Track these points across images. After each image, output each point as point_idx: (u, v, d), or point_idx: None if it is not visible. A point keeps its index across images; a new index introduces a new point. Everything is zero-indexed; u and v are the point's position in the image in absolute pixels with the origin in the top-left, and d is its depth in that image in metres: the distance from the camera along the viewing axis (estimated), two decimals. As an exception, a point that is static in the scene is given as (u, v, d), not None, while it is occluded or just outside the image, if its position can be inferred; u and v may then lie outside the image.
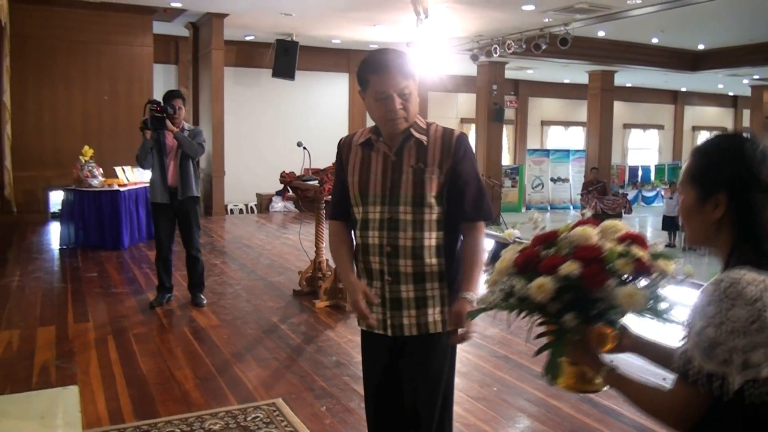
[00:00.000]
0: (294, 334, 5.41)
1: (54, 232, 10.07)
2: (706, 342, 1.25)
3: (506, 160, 19.64)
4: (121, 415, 3.83)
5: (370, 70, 2.28)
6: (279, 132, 14.78)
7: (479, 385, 4.34)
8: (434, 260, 2.34)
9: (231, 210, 14.05)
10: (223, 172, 12.68)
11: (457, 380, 4.32)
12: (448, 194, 2.33)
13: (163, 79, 13.67)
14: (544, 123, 22.04)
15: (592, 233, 1.54)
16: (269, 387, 4.31)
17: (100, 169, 9.48)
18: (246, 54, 14.83)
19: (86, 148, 9.73)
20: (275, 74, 13.66)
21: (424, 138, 2.33)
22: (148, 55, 12.10)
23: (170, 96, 5.91)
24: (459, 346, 2.50)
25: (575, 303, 1.46)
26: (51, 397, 2.79)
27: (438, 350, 2.39)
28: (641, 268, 1.47)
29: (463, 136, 2.37)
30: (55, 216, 10.90)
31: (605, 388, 1.54)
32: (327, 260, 6.58)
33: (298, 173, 6.86)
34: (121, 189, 9.12)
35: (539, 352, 1.59)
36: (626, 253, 1.48)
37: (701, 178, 1.42)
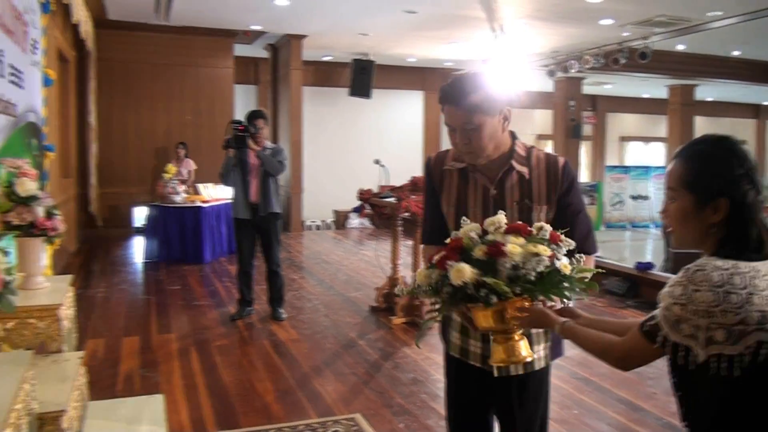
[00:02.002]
0: (371, 350, 5.40)
1: (138, 246, 10.41)
2: (672, 317, 1.42)
3: (584, 177, 19.25)
4: (204, 425, 3.91)
5: (440, 99, 2.16)
6: (355, 149, 14.91)
7: (559, 407, 4.23)
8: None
9: (308, 226, 14.21)
10: (301, 189, 12.86)
11: (537, 401, 4.26)
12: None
13: (243, 100, 14.01)
14: (623, 139, 21.53)
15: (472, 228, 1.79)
16: (348, 402, 4.31)
17: (183, 186, 9.77)
18: (323, 73, 15.06)
19: (170, 166, 10.07)
20: (352, 93, 13.81)
21: (525, 170, 2.18)
22: (229, 76, 12.44)
23: (253, 116, 6.06)
24: None
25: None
26: (137, 405, 2.84)
27: (540, 386, 2.32)
28: (493, 252, 1.66)
29: (568, 165, 2.22)
30: (139, 231, 11.27)
31: (528, 359, 1.78)
32: (403, 277, 6.56)
33: (374, 190, 6.90)
34: (204, 205, 9.36)
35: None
36: (488, 242, 1.71)
37: (698, 183, 1.47)
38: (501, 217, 1.76)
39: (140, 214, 11.20)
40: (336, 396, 4.41)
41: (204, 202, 9.53)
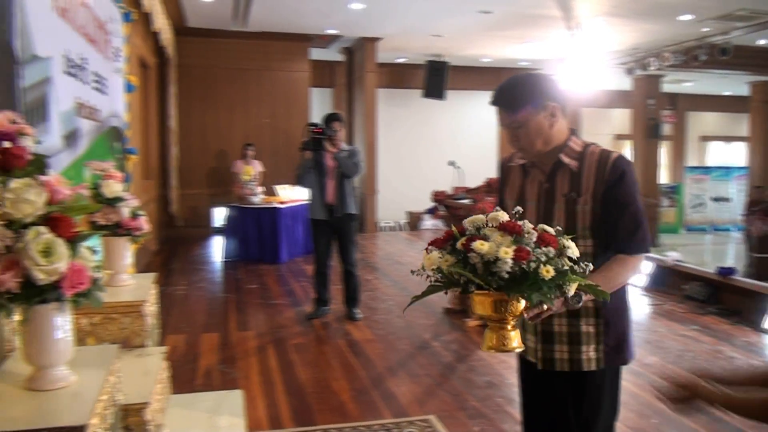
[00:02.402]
0: (446, 352, 5.39)
1: (217, 246, 10.67)
2: None
3: (664, 178, 18.69)
4: (280, 421, 3.97)
5: (490, 101, 2.29)
6: (429, 151, 14.90)
7: (637, 416, 4.12)
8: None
9: (382, 227, 14.28)
10: (375, 190, 12.93)
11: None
12: (602, 223, 2.18)
13: (319, 102, 14.19)
14: (704, 138, 20.80)
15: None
16: (422, 403, 4.31)
17: (261, 188, 9.97)
18: (397, 75, 15.10)
19: (248, 167, 10.28)
20: (426, 95, 13.80)
21: (575, 164, 2.21)
22: (305, 79, 12.62)
23: (329, 118, 6.14)
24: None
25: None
26: (216, 399, 2.91)
27: (597, 390, 2.25)
28: (465, 246, 1.71)
29: (621, 159, 2.19)
30: (218, 231, 11.56)
31: (518, 350, 1.81)
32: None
33: (448, 192, 6.88)
34: (281, 206, 9.52)
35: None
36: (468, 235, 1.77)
37: None
38: (501, 214, 1.79)
39: (219, 215, 11.50)
40: (410, 397, 4.41)
41: (281, 203, 9.69)
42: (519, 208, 1.83)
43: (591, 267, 1.81)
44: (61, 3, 4.08)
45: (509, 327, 1.83)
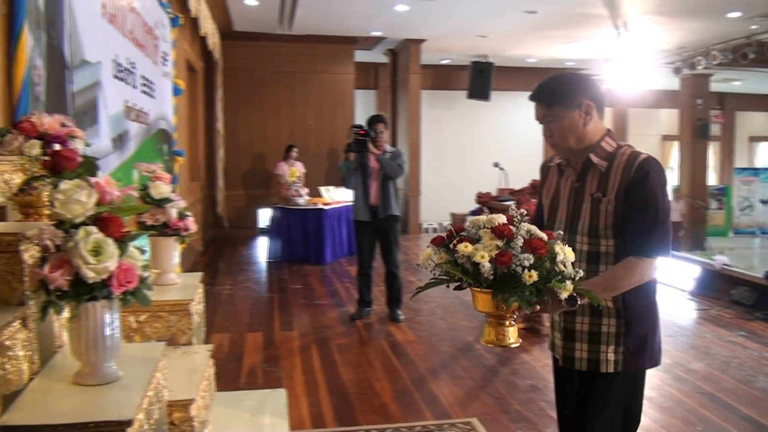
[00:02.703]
0: (489, 355, 5.36)
1: (262, 246, 10.81)
2: None
3: (712, 179, 18.28)
4: (323, 420, 4.01)
5: (529, 97, 2.36)
6: (473, 152, 14.85)
7: (681, 423, 4.05)
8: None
9: (426, 228, 14.26)
10: (418, 191, 12.93)
11: (658, 415, 4.10)
12: (623, 223, 2.16)
13: (363, 104, 14.25)
14: (753, 139, 20.26)
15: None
16: (464, 406, 4.30)
17: (306, 189, 10.06)
18: (442, 77, 15.08)
19: (293, 169, 10.38)
20: (470, 96, 13.74)
21: (604, 164, 2.21)
22: (350, 82, 12.70)
23: (373, 120, 6.18)
24: (661, 380, 2.34)
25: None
26: (260, 397, 2.96)
27: (610, 391, 2.24)
28: (454, 246, 1.85)
29: (648, 161, 2.16)
30: (263, 231, 11.71)
31: (514, 345, 1.92)
32: (522, 281, 6.47)
33: (493, 193, 6.85)
34: (325, 207, 9.59)
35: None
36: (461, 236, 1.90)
37: None
38: (498, 217, 1.87)
39: (264, 216, 11.64)
40: (452, 399, 4.41)
41: (325, 204, 9.77)
42: (560, 232, 1.92)
43: (581, 273, 1.85)
44: (110, 9, 4.19)
45: (507, 323, 1.92)
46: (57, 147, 1.95)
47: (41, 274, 1.36)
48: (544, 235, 1.85)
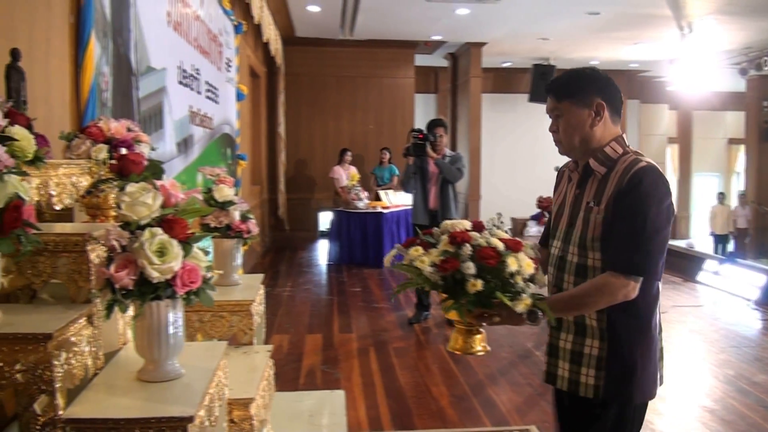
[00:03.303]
0: (548, 361, 5.29)
1: (322, 249, 10.91)
2: None
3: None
4: (380, 423, 4.01)
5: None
6: (534, 156, 14.69)
7: (746, 437, 3.94)
8: (594, 313, 2.02)
9: (485, 234, 14.17)
10: (479, 195, 12.85)
11: (720, 428, 4.00)
12: (610, 235, 1.99)
13: (423, 108, 14.25)
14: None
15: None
16: (522, 413, 4.26)
17: (366, 193, 10.11)
18: (502, 80, 14.98)
19: (353, 173, 10.45)
20: (532, 99, 13.61)
21: (602, 170, 2.06)
22: (410, 86, 12.72)
23: (433, 124, 6.19)
24: (723, 392, 2.22)
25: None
26: (319, 398, 2.99)
27: (589, 420, 2.07)
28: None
29: (645, 169, 1.97)
30: (323, 234, 11.83)
31: (480, 353, 1.95)
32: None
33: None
34: (384, 211, 9.62)
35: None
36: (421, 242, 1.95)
37: None
38: (464, 223, 1.93)
39: (324, 219, 11.76)
40: (510, 406, 4.36)
41: (384, 208, 9.80)
42: (536, 243, 1.98)
43: (533, 288, 1.83)
44: (175, 17, 4.30)
45: (475, 331, 1.94)
46: (123, 151, 2.02)
47: (107, 273, 1.41)
48: (499, 245, 1.85)
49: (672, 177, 17.39)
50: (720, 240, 14.54)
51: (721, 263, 9.26)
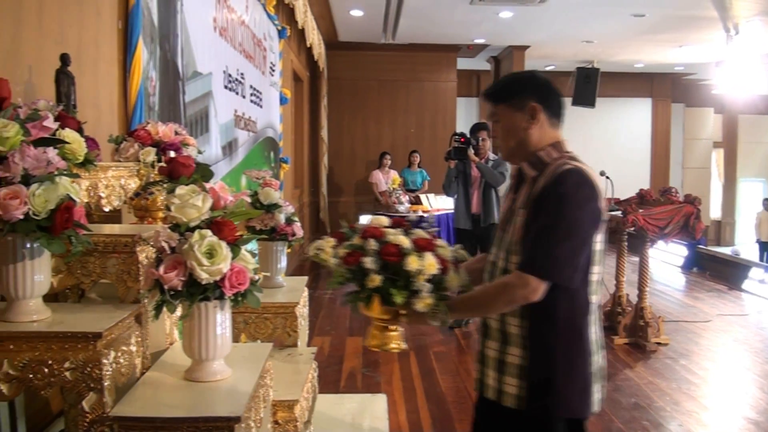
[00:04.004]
0: (591, 368, 5.22)
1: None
2: None
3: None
4: (421, 427, 4.00)
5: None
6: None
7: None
8: (516, 320, 1.95)
9: (526, 239, 14.07)
10: (520, 201, 12.74)
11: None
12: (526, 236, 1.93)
13: (465, 112, 14.20)
14: None
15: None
16: (565, 420, 4.20)
17: (407, 196, 10.10)
18: (546, 84, 14.85)
19: (395, 176, 10.45)
20: (575, 102, 13.45)
21: (532, 173, 2.00)
22: (452, 89, 12.68)
23: (476, 128, 6.16)
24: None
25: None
26: (361, 402, 3.00)
27: (512, 430, 2.00)
28: None
29: (567, 172, 1.91)
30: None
31: (395, 350, 2.02)
32: (627, 295, 6.28)
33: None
34: (426, 215, 9.59)
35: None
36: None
37: None
38: (383, 219, 1.98)
39: (363, 222, 11.75)
40: (553, 412, 4.31)
41: (426, 211, 9.78)
42: (442, 239, 2.02)
43: (428, 286, 1.84)
44: (220, 23, 4.36)
45: (391, 329, 1.99)
46: (172, 154, 2.05)
47: (157, 274, 1.43)
48: (404, 243, 1.87)
49: (717, 182, 17.02)
50: (766, 247, 14.19)
51: (767, 271, 9.04)
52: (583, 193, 1.89)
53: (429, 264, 1.85)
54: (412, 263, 1.84)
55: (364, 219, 11.90)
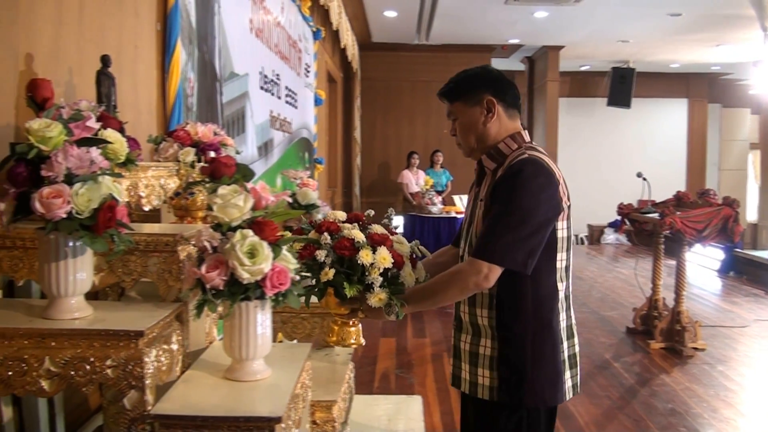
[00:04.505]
0: (627, 374, 5.16)
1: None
2: None
3: None
4: (455, 430, 3.99)
5: None
6: (613, 162, 14.38)
7: None
8: (485, 311, 1.97)
9: (560, 240, 13.94)
10: (554, 202, 12.63)
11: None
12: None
13: (498, 113, 14.10)
14: None
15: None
16: (601, 426, 4.16)
17: (439, 197, 10.07)
18: (580, 84, 14.71)
19: (427, 177, 10.42)
20: (610, 103, 13.33)
21: (492, 165, 2.02)
22: (485, 89, 12.61)
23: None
24: None
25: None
26: (396, 403, 2.99)
27: (485, 424, 2.01)
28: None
29: (522, 161, 1.92)
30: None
31: (355, 345, 2.07)
32: (663, 299, 6.18)
33: (635, 205, 6.60)
34: (458, 216, 9.55)
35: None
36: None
37: None
38: (340, 214, 2.00)
39: (397, 222, 11.75)
40: (588, 418, 4.26)
41: (458, 213, 9.73)
42: (402, 235, 2.07)
43: (380, 280, 1.85)
44: (257, 24, 4.38)
45: (350, 324, 2.06)
46: (212, 154, 2.06)
47: (199, 273, 1.43)
48: (359, 237, 1.88)
49: (753, 184, 16.67)
50: (804, 251, 13.88)
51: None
52: (538, 182, 1.90)
53: (382, 258, 1.87)
54: (365, 257, 1.86)
55: (397, 220, 11.91)
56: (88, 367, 1.36)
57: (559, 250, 1.96)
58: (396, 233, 2.08)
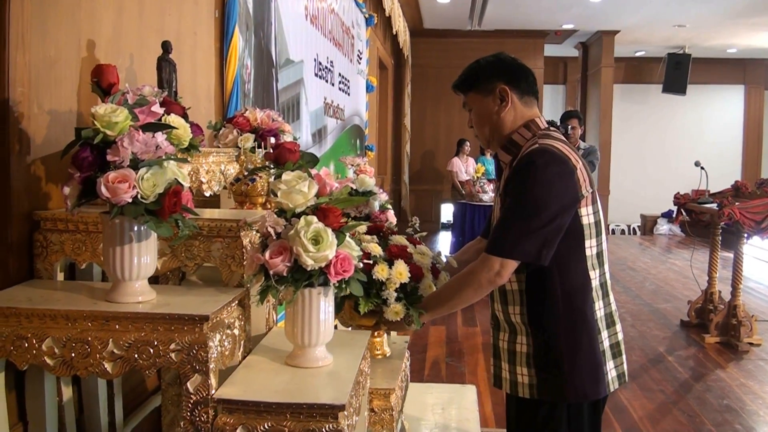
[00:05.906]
0: (681, 368, 5.05)
1: (444, 241, 10.88)
2: None
3: None
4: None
5: None
6: (667, 150, 14.06)
7: None
8: (516, 308, 1.94)
9: (613, 230, 13.72)
10: (607, 191, 12.43)
11: None
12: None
13: (551, 100, 13.93)
14: None
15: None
16: (655, 421, 4.08)
17: (491, 185, 9.98)
18: (634, 70, 14.40)
19: (478, 165, 10.34)
20: (665, 89, 13.02)
21: (507, 158, 1.99)
22: (538, 76, 12.42)
23: (567, 116, 6.07)
24: None
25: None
26: (449, 391, 2.98)
27: (526, 422, 1.96)
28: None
29: (534, 152, 1.86)
30: (444, 226, 11.80)
31: (380, 357, 2.10)
32: (719, 292, 6.03)
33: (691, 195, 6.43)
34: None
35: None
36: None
37: None
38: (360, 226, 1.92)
39: (446, 211, 11.73)
40: (642, 413, 4.19)
41: (509, 201, 9.65)
42: (420, 242, 2.06)
43: (394, 295, 1.82)
44: (311, 11, 4.39)
45: (376, 335, 2.04)
46: (272, 140, 2.06)
47: (263, 259, 1.44)
48: (376, 250, 1.86)
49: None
50: None
51: None
52: (550, 171, 1.83)
53: (398, 273, 1.85)
54: (380, 272, 1.84)
55: (445, 208, 11.88)
56: (152, 350, 1.38)
57: (587, 237, 1.90)
58: (420, 243, 2.05)
